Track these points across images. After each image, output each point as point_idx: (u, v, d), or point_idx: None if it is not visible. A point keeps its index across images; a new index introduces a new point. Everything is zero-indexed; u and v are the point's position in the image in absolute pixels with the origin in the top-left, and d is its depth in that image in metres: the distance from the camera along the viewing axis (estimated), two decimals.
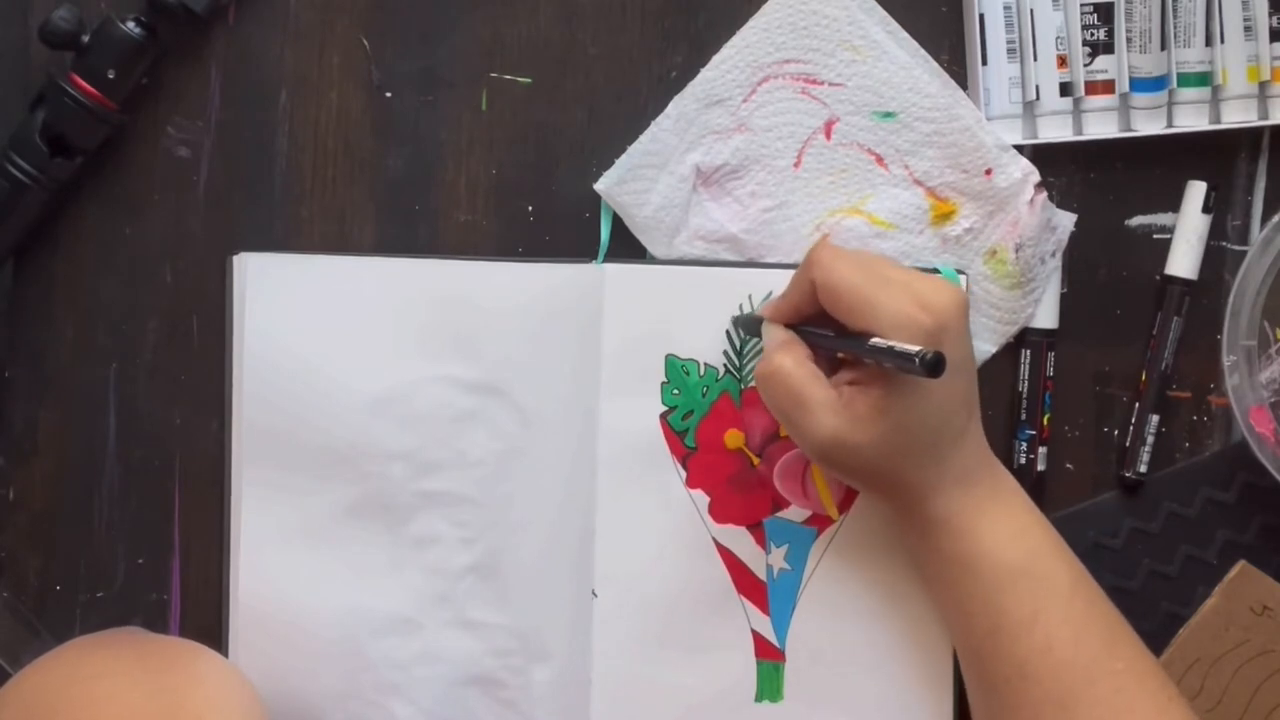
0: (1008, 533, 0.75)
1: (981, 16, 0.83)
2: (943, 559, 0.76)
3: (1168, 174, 0.85)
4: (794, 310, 0.77)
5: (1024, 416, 0.84)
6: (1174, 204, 0.85)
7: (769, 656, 0.83)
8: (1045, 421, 0.84)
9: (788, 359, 0.75)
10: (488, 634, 0.83)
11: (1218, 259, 0.85)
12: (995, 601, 0.74)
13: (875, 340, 0.71)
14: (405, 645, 0.82)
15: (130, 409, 0.84)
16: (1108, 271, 0.85)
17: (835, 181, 0.83)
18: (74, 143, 0.81)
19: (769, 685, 0.83)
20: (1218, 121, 0.84)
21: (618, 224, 0.83)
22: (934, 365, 0.68)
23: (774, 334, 0.77)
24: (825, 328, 0.76)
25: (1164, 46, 0.83)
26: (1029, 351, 0.84)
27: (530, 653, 0.82)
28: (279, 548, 0.83)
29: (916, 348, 0.69)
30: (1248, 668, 0.82)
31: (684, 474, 0.83)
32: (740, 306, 0.82)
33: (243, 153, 0.84)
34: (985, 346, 0.83)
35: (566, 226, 0.84)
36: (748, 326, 0.81)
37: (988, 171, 0.83)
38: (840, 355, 0.75)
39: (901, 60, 0.83)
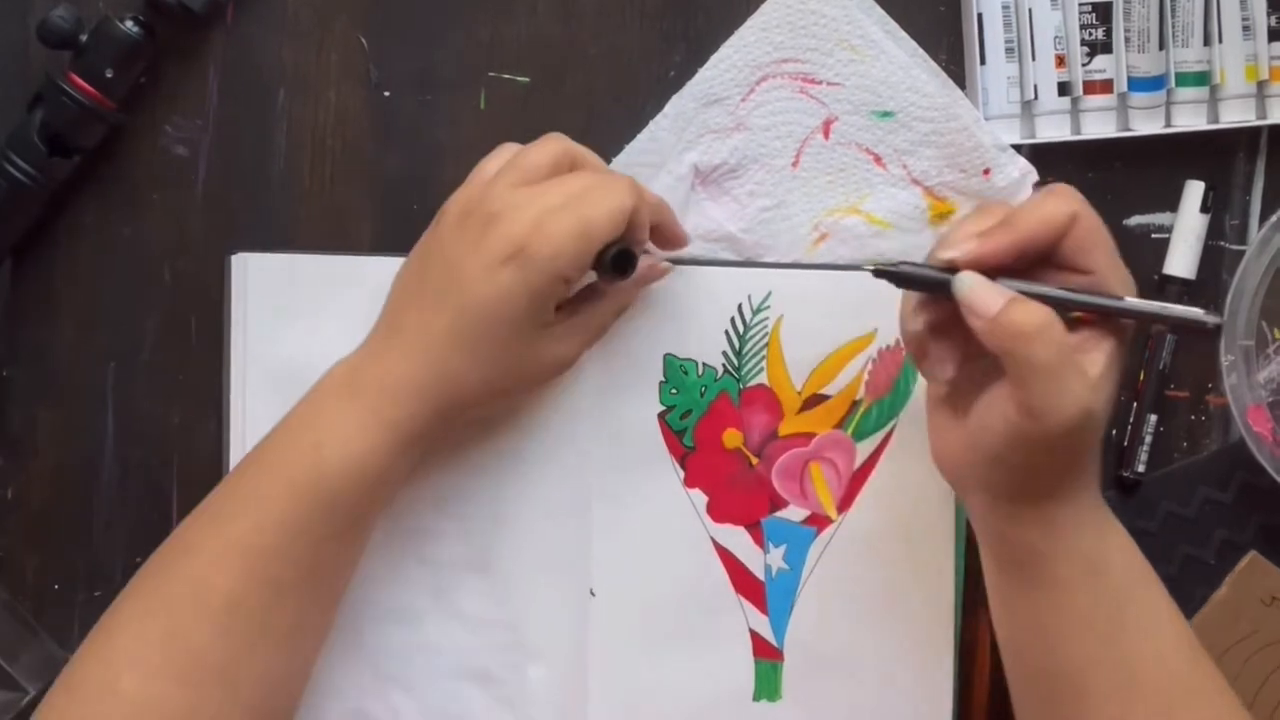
0: (1123, 537, 0.72)
1: (980, 16, 0.83)
2: (1070, 561, 0.71)
3: (1166, 174, 0.85)
4: (1016, 251, 0.69)
5: None
6: (1172, 204, 0.85)
7: (767, 656, 0.83)
8: None
9: (1051, 315, 0.66)
10: (483, 628, 0.82)
11: (1216, 258, 0.85)
12: (1120, 606, 0.71)
13: (1151, 304, 0.69)
14: (404, 636, 0.82)
15: (129, 409, 0.84)
16: None
17: (833, 181, 0.83)
18: (72, 142, 0.81)
19: (767, 685, 0.83)
20: (1216, 121, 0.84)
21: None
22: (1216, 327, 0.69)
23: (991, 288, 0.68)
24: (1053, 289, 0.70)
25: (1162, 46, 0.83)
26: None
27: (526, 650, 0.82)
28: None
29: (1200, 310, 0.69)
30: (1257, 658, 0.82)
31: (682, 473, 0.83)
32: (740, 306, 0.82)
33: (241, 152, 0.84)
34: None
35: None
36: (912, 280, 0.70)
37: (986, 171, 0.83)
38: (1077, 316, 0.69)
39: (900, 60, 0.83)
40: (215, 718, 0.70)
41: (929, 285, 0.70)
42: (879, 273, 0.70)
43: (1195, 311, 0.68)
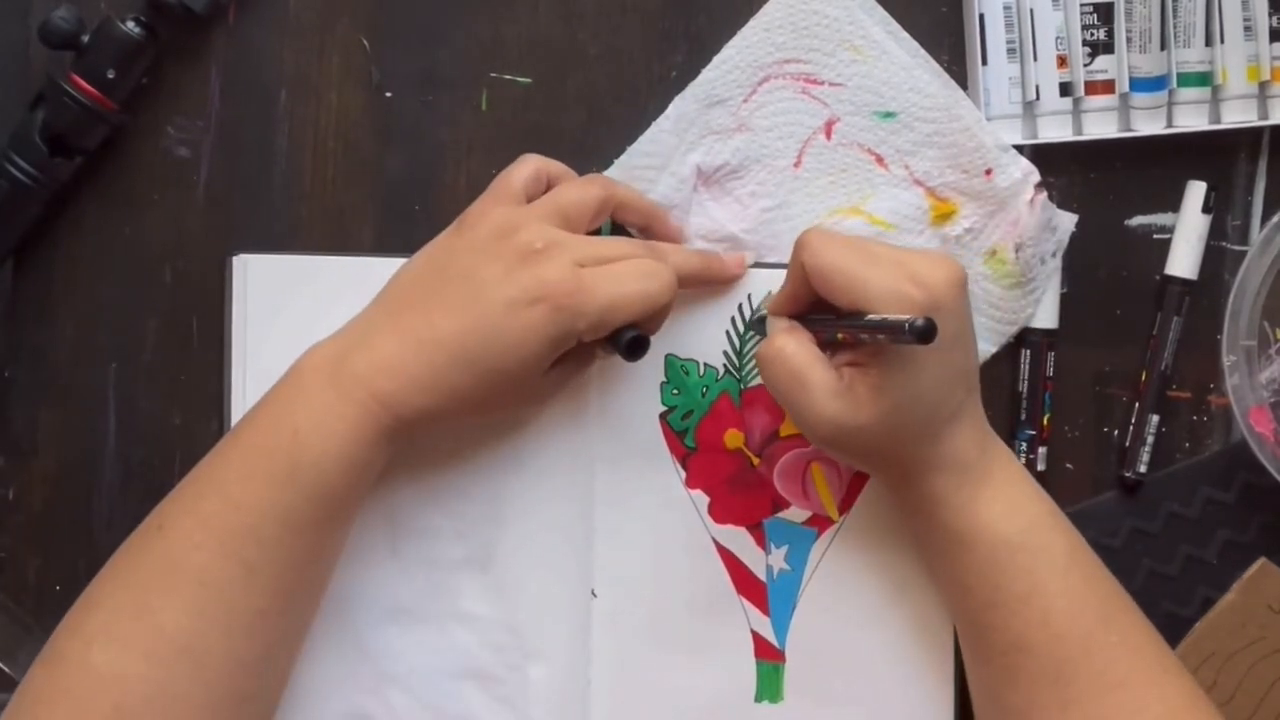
0: (1005, 507, 0.75)
1: (981, 16, 0.83)
2: (941, 534, 0.76)
3: (1168, 174, 0.85)
4: (791, 299, 0.77)
5: (1024, 416, 0.84)
6: (1174, 204, 0.85)
7: (769, 657, 0.83)
8: (1045, 421, 0.84)
9: (790, 341, 0.74)
10: (481, 627, 0.82)
11: (1218, 259, 0.85)
12: (992, 576, 0.74)
13: (869, 316, 0.71)
14: (403, 635, 0.82)
15: (130, 409, 0.84)
16: (1108, 271, 0.85)
17: (835, 181, 0.83)
18: (74, 143, 0.81)
19: (769, 686, 0.83)
20: (1218, 121, 0.84)
21: (618, 224, 0.83)
22: (924, 332, 0.67)
23: (776, 322, 0.77)
24: (825, 314, 0.76)
25: (1164, 46, 0.83)
26: (1029, 351, 0.84)
27: (526, 650, 0.82)
28: None
29: (906, 317, 0.68)
30: (1262, 665, 0.82)
31: (683, 474, 0.83)
32: (740, 306, 0.82)
33: (243, 153, 0.84)
34: (985, 346, 0.83)
35: None
36: (757, 327, 0.81)
37: (988, 171, 0.83)
38: (840, 337, 0.74)
39: (902, 60, 0.83)
40: (181, 694, 0.70)
41: (764, 327, 0.79)
42: (748, 324, 0.82)
43: (899, 318, 0.69)
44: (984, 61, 0.83)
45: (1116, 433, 0.85)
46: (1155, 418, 0.84)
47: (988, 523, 0.75)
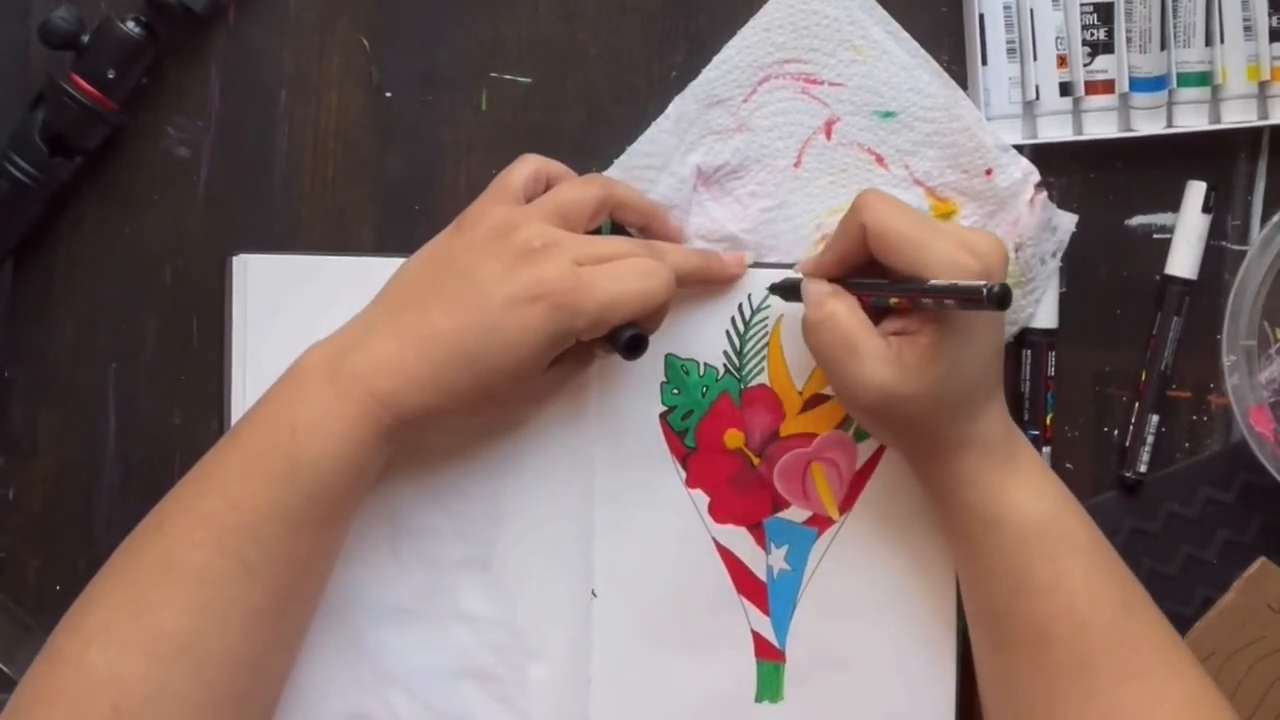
0: (1032, 491, 0.75)
1: (981, 16, 0.83)
2: (969, 516, 0.75)
3: (1168, 174, 0.85)
4: (839, 261, 0.76)
5: (1026, 417, 0.84)
6: (1174, 204, 0.85)
7: (769, 657, 0.83)
8: (1048, 421, 0.84)
9: (840, 306, 0.74)
10: (481, 626, 0.82)
11: (1218, 259, 0.85)
12: (1019, 561, 0.74)
13: (936, 280, 0.71)
14: (402, 635, 0.82)
15: (130, 409, 0.84)
16: (1108, 271, 0.85)
17: (835, 181, 0.83)
18: (74, 143, 0.81)
19: (769, 686, 0.83)
20: (1218, 121, 0.84)
21: (618, 224, 0.83)
22: (1001, 298, 0.67)
23: (819, 285, 0.76)
24: (869, 280, 0.75)
25: (1164, 46, 0.83)
26: (1029, 351, 0.84)
27: (526, 649, 0.82)
28: None
29: (982, 282, 0.68)
30: (1262, 664, 0.82)
31: (684, 474, 0.83)
32: (740, 306, 0.82)
33: (243, 153, 0.84)
34: None
35: None
36: (786, 291, 0.80)
37: (988, 171, 0.83)
38: (894, 302, 0.74)
39: (902, 60, 0.83)
40: (180, 694, 0.71)
41: (796, 294, 0.77)
42: (772, 288, 0.81)
43: (974, 284, 0.69)
44: (984, 61, 0.83)
45: (1116, 433, 0.85)
46: (1155, 418, 0.84)
47: (1016, 505, 0.74)
